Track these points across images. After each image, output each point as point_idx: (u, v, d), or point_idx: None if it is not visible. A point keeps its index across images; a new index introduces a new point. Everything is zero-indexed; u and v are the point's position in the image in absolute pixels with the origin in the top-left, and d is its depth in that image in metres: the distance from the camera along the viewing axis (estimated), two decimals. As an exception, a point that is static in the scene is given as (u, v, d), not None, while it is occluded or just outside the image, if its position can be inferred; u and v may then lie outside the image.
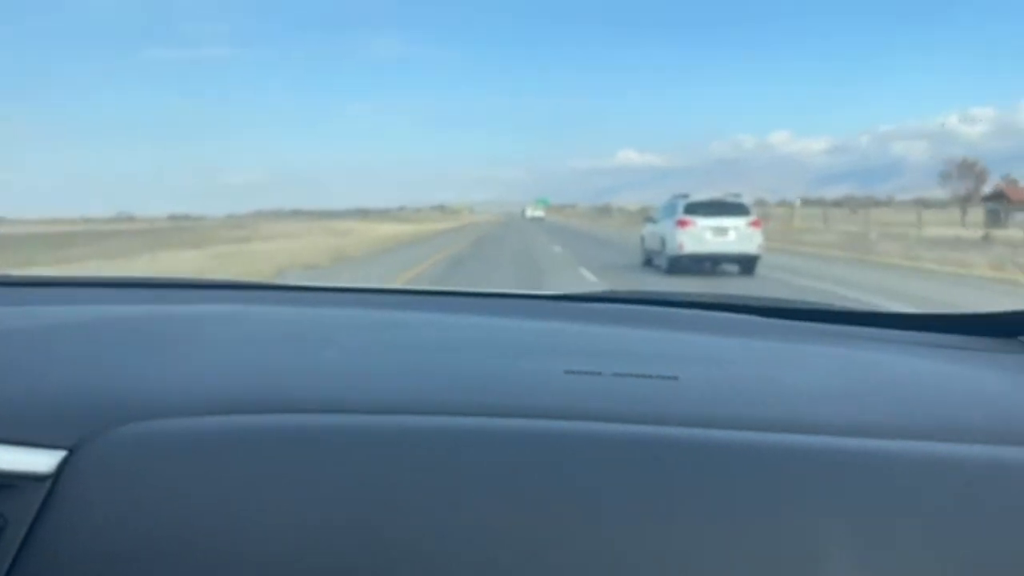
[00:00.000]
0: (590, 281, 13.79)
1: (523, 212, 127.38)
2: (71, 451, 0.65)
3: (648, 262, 18.38)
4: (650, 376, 0.87)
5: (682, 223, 15.65)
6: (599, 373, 0.87)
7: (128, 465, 0.65)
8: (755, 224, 15.76)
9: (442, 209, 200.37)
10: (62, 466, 0.64)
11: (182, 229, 55.34)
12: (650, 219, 18.99)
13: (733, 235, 15.56)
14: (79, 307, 1.22)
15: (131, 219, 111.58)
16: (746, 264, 15.89)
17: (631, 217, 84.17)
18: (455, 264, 18.83)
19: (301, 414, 0.72)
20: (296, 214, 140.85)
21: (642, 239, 19.16)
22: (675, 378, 0.86)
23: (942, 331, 1.17)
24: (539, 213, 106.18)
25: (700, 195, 16.90)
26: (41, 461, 0.65)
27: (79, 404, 0.74)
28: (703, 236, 15.55)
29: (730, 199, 16.31)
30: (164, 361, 0.90)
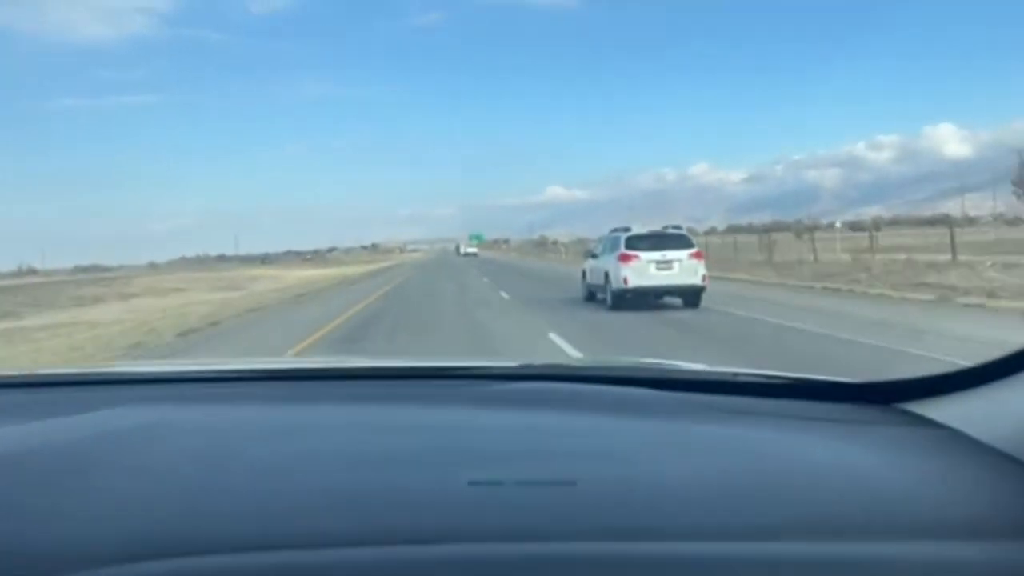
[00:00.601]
0: (553, 341, 13.13)
1: (457, 248, 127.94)
2: None
3: (591, 297, 18.11)
4: (551, 483, 0.87)
5: (625, 257, 15.43)
6: (501, 483, 0.86)
7: None
8: (697, 256, 15.66)
9: (374, 248, 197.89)
10: None
11: (32, 287, 48.04)
12: (591, 254, 18.76)
13: (677, 267, 15.41)
14: None
15: (32, 272, 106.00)
16: (691, 296, 15.75)
17: (568, 249, 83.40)
18: (364, 329, 14.18)
19: (208, 556, 0.70)
20: (221, 259, 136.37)
21: (583, 274, 18.90)
22: (574, 483, 0.87)
23: (822, 399, 1.22)
24: (472, 249, 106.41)
25: (640, 228, 16.77)
26: None
27: None
28: (647, 270, 15.35)
29: (671, 231, 16.20)
30: (56, 502, 0.82)
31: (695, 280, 15.43)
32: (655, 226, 16.98)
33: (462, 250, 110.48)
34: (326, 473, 0.95)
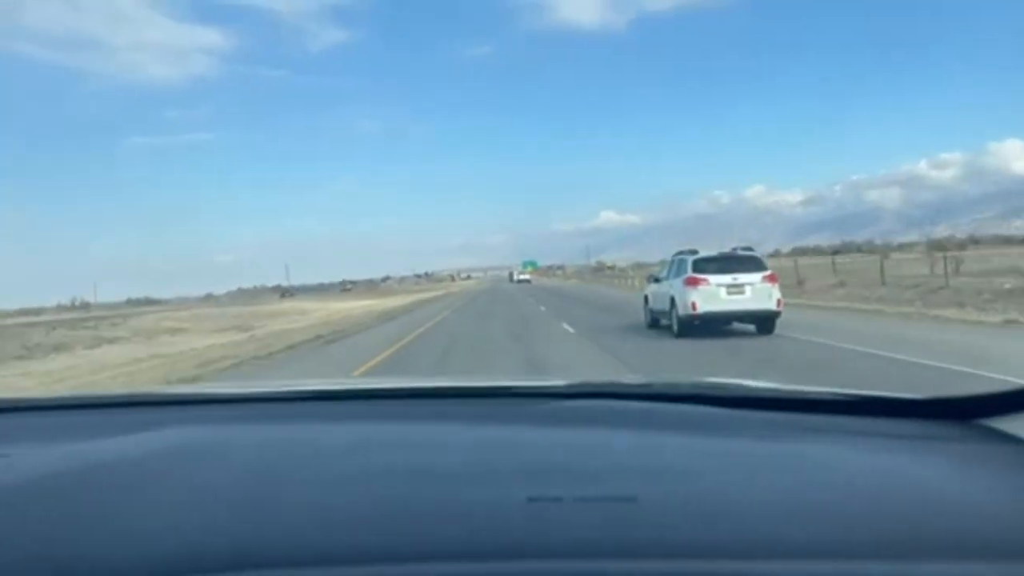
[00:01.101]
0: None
1: (510, 276, 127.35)
2: None
3: (654, 323, 17.11)
4: (611, 499, 0.85)
5: (693, 281, 14.42)
6: (560, 499, 0.85)
7: None
8: (771, 279, 14.55)
9: (427, 277, 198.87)
10: None
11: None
12: (654, 278, 17.78)
13: (749, 292, 14.32)
14: (27, 446, 1.15)
15: (84, 306, 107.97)
16: (765, 322, 14.62)
17: (625, 273, 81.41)
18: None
19: (270, 570, 0.71)
20: (275, 290, 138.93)
21: (646, 299, 17.91)
22: (635, 499, 0.85)
23: (900, 416, 1.16)
24: (525, 276, 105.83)
25: (709, 250, 15.74)
26: None
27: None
28: (717, 294, 14.30)
29: (741, 253, 15.11)
30: (120, 519, 0.84)
31: (769, 305, 14.31)
32: (711, 250, 15.91)
33: (515, 277, 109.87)
34: (384, 489, 0.93)
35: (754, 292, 14.32)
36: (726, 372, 10.42)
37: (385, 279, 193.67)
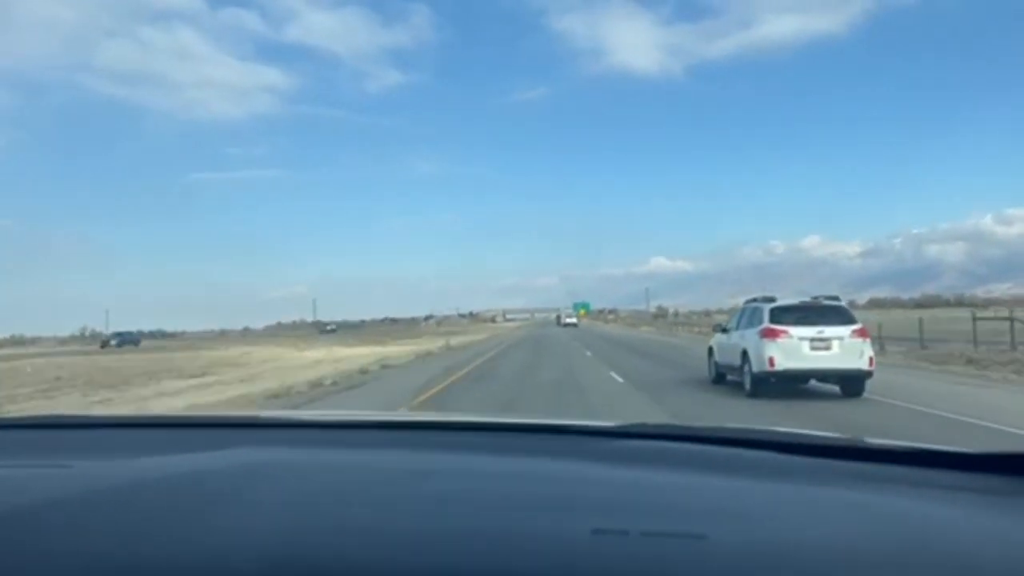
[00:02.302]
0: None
1: (558, 319, 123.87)
2: None
3: (719, 379, 15.28)
4: (679, 535, 0.84)
5: (771, 333, 12.61)
6: (627, 533, 0.83)
7: None
8: (861, 333, 12.65)
9: (472, 317, 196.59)
10: None
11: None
12: (721, 328, 15.96)
13: (836, 347, 12.44)
14: (110, 462, 1.20)
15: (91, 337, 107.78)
16: (853, 383, 12.69)
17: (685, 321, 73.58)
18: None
19: None
20: (315, 325, 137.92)
21: (711, 351, 16.08)
22: (704, 537, 0.83)
23: (969, 470, 1.14)
24: (572, 320, 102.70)
25: (788, 298, 13.90)
26: None
27: None
28: (799, 349, 12.46)
29: (826, 302, 13.25)
30: (194, 531, 0.87)
31: (860, 364, 12.40)
32: (773, 299, 14.01)
33: (562, 320, 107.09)
34: (447, 515, 0.93)
35: (842, 348, 12.43)
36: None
37: (428, 318, 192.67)
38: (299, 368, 27.23)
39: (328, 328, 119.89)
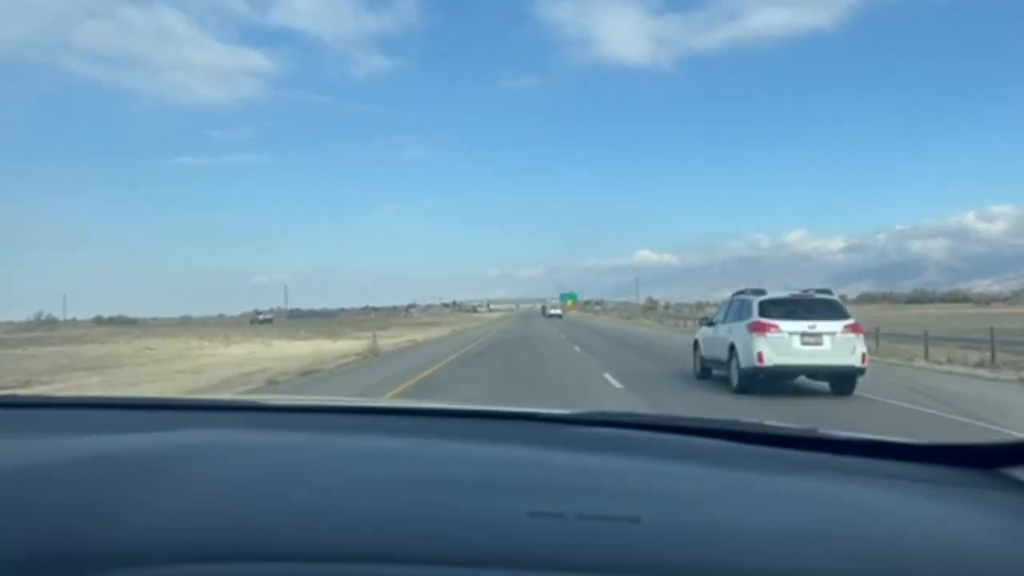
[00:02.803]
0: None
1: (543, 309, 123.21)
2: None
3: (705, 374, 14.71)
4: (613, 518, 0.86)
5: (760, 327, 12.03)
6: (562, 515, 0.85)
7: None
8: (854, 328, 12.10)
9: (455, 306, 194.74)
10: None
11: None
12: (707, 321, 15.39)
13: (828, 343, 11.88)
14: (56, 439, 1.22)
15: (51, 322, 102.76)
16: (844, 381, 12.16)
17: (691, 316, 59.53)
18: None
19: (264, 563, 0.73)
20: (292, 314, 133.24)
21: (696, 345, 15.50)
22: (637, 520, 0.85)
23: (918, 461, 1.15)
24: (557, 311, 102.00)
25: (778, 291, 13.33)
26: None
27: (42, 553, 0.73)
28: (789, 344, 11.89)
29: (818, 295, 12.68)
30: (131, 504, 0.87)
31: (852, 360, 11.85)
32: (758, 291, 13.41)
33: (548, 311, 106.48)
34: (387, 496, 0.94)
35: (834, 344, 11.87)
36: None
37: (410, 307, 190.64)
38: (188, 373, 20.85)
39: (263, 318, 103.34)
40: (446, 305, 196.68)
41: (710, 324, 14.79)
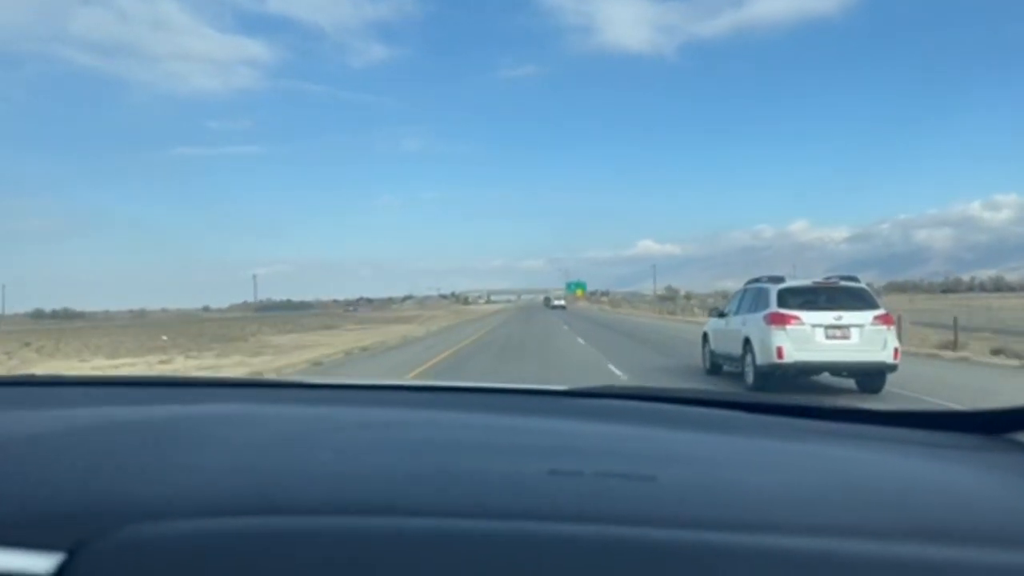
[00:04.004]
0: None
1: (546, 300, 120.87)
2: (70, 553, 0.65)
3: (715, 370, 13.43)
4: (629, 476, 0.88)
5: (779, 319, 10.72)
6: (581, 473, 0.88)
7: (127, 566, 0.65)
8: (885, 319, 10.79)
9: (454, 298, 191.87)
10: (61, 568, 0.64)
11: None
12: (717, 312, 14.06)
13: (856, 336, 10.58)
14: (85, 409, 1.26)
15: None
16: (873, 378, 10.86)
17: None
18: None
19: (295, 516, 0.74)
20: (283, 305, 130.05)
21: (705, 338, 14.20)
22: (653, 478, 0.88)
23: (926, 428, 1.16)
24: (560, 302, 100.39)
25: (799, 279, 12.01)
26: (40, 563, 0.64)
27: (78, 506, 0.75)
28: (812, 338, 10.58)
29: (844, 283, 11.35)
30: (164, 464, 0.92)
31: (883, 356, 10.54)
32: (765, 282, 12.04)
33: (551, 303, 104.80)
34: (411, 458, 0.97)
35: (863, 337, 10.57)
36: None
37: (406, 298, 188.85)
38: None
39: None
40: (444, 296, 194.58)
41: (721, 315, 13.48)
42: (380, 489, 0.83)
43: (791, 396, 1.33)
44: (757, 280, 12.46)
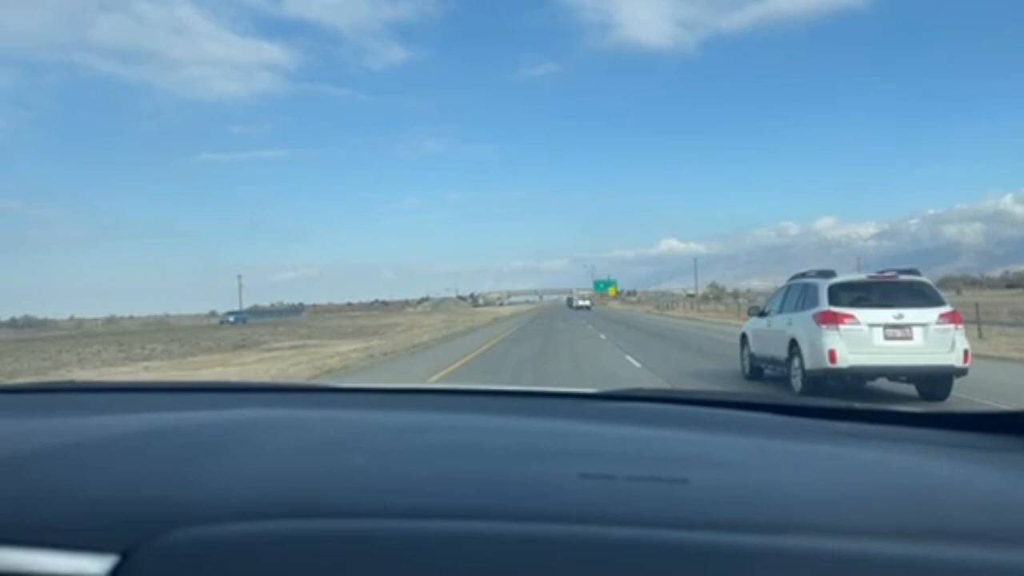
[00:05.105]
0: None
1: (569, 301, 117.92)
2: (124, 556, 0.68)
3: (756, 374, 12.28)
4: (661, 479, 0.89)
5: (830, 317, 9.56)
6: (613, 477, 0.89)
7: (177, 569, 0.67)
8: (953, 318, 9.58)
9: (471, 300, 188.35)
10: (115, 571, 0.66)
11: None
12: (757, 311, 12.89)
13: (920, 337, 9.39)
14: (132, 415, 1.29)
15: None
16: (938, 384, 9.67)
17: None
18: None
19: (336, 519, 0.76)
20: (291, 309, 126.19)
21: (744, 339, 13.05)
22: (685, 481, 0.88)
23: (956, 429, 1.17)
24: (585, 302, 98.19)
25: (850, 273, 10.83)
26: (94, 566, 0.66)
27: (129, 511, 0.77)
28: (869, 339, 9.41)
29: (904, 277, 10.15)
30: (208, 468, 0.94)
31: (950, 359, 9.35)
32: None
33: (575, 303, 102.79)
34: (446, 461, 0.98)
35: (927, 338, 9.38)
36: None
37: (423, 300, 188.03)
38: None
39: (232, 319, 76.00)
40: (461, 298, 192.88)
41: (761, 314, 12.33)
42: (417, 492, 0.84)
43: (822, 399, 1.32)
44: (802, 275, 11.30)
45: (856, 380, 9.80)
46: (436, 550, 0.68)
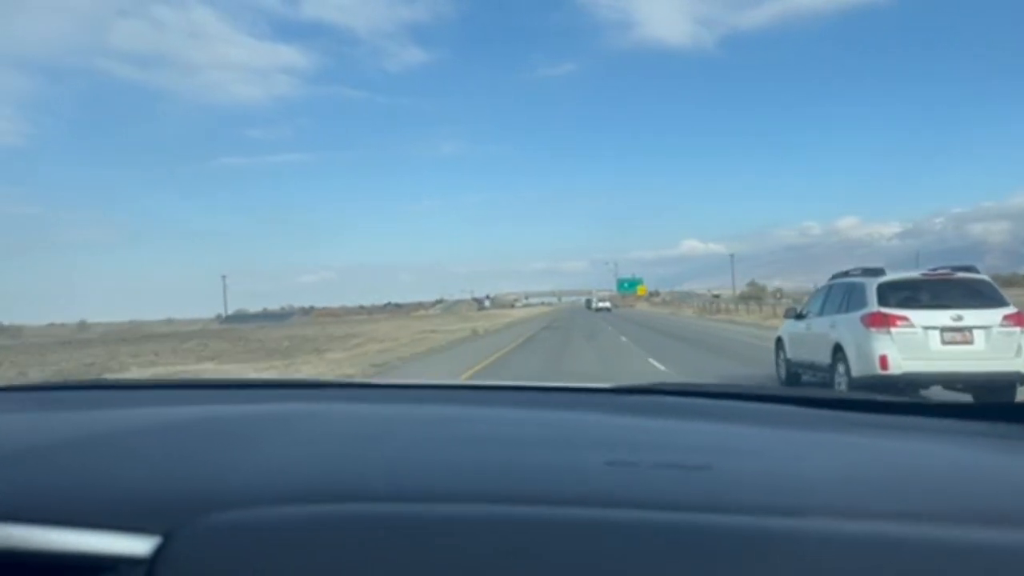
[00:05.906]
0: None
1: (588, 303, 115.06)
2: (166, 537, 0.70)
3: (793, 379, 11.43)
4: (684, 466, 0.91)
5: (880, 319, 8.72)
6: (637, 464, 0.92)
7: (220, 550, 0.70)
8: (1018, 320, 8.70)
9: (490, 301, 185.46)
10: (158, 551, 0.69)
11: None
12: (795, 313, 12.02)
13: (982, 341, 8.53)
14: (175, 408, 1.36)
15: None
16: (999, 394, 8.78)
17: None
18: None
19: (370, 503, 0.78)
20: (235, 318, 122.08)
21: (779, 343, 12.20)
22: (708, 467, 0.91)
23: (978, 419, 1.18)
24: (605, 304, 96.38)
25: (902, 271, 9.95)
26: (139, 545, 0.70)
27: (171, 495, 0.81)
28: (925, 344, 8.56)
29: (960, 275, 9.27)
30: (248, 456, 0.98)
31: (1016, 365, 8.49)
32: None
33: (594, 305, 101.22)
34: (476, 450, 1.02)
35: (989, 342, 8.52)
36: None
37: (437, 302, 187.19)
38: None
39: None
40: (478, 300, 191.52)
41: (799, 316, 11.47)
42: (448, 479, 0.87)
43: (841, 392, 1.06)
44: (845, 273, 10.45)
45: (910, 387, 8.94)
46: (468, 531, 0.71)
